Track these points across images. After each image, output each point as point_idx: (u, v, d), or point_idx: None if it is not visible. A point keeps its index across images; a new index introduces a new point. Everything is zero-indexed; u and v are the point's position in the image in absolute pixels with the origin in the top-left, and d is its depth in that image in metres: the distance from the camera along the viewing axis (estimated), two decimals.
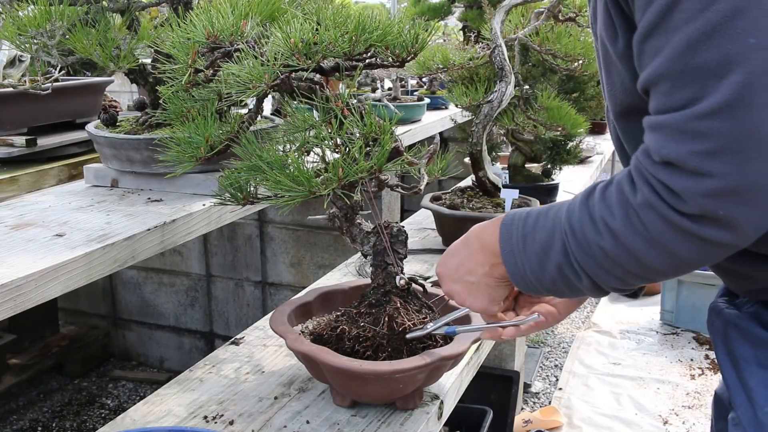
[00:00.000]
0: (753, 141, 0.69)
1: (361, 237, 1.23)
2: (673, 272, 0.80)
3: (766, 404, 0.85)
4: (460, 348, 1.17)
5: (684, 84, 0.71)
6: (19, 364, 3.20)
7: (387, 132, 1.09)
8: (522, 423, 2.63)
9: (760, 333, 0.85)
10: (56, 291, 1.08)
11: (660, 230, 0.75)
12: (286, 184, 1.03)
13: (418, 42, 1.12)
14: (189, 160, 1.16)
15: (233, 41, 1.12)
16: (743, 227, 0.72)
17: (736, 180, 0.70)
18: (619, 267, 0.79)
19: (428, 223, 2.27)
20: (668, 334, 3.41)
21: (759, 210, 0.71)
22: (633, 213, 0.76)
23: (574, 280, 0.84)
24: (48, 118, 2.04)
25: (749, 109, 0.68)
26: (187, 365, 1.47)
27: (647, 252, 0.76)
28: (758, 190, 0.70)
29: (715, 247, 0.74)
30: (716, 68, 0.69)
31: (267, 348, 1.48)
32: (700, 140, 0.70)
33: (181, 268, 3.50)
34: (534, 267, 0.87)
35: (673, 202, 0.73)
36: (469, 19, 3.67)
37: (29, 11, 1.30)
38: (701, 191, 0.71)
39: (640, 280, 0.82)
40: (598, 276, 0.82)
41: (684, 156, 0.71)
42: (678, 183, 0.72)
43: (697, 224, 0.73)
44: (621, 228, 0.77)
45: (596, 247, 0.80)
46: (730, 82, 0.68)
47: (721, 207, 0.71)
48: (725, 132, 0.69)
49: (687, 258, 0.76)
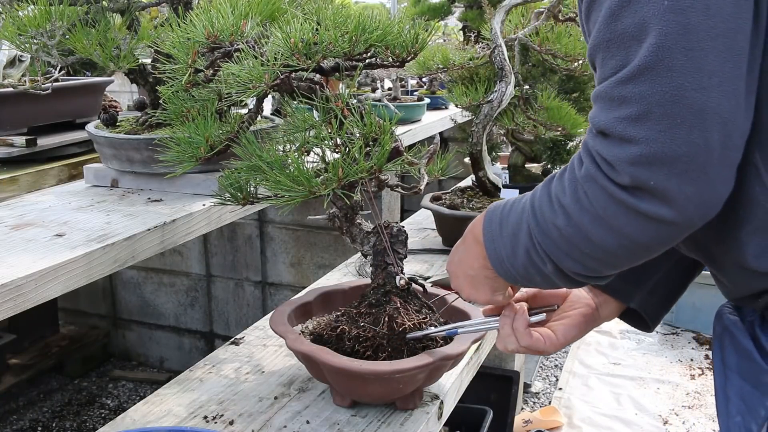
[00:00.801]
0: (676, 107, 0.67)
1: (361, 237, 1.23)
2: (626, 254, 0.77)
3: (737, 414, 0.84)
4: (460, 348, 1.17)
5: (612, 53, 0.71)
6: (19, 364, 3.20)
7: (387, 132, 1.09)
8: (522, 423, 2.63)
9: (746, 344, 0.84)
10: (56, 291, 1.08)
11: (602, 203, 0.74)
12: (286, 184, 1.03)
13: (418, 42, 1.13)
14: (189, 160, 1.16)
15: (233, 41, 1.12)
16: (680, 202, 0.70)
17: (661, 146, 0.68)
18: (575, 248, 0.78)
19: (428, 223, 2.27)
20: (668, 334, 3.41)
21: (695, 184, 0.69)
22: (579, 187, 0.76)
23: (540, 264, 0.83)
24: (48, 118, 2.03)
25: (668, 72, 0.67)
26: (187, 365, 1.47)
27: (595, 229, 0.75)
28: (690, 161, 0.68)
29: (657, 224, 0.72)
30: (635, 33, 0.69)
31: (267, 348, 1.48)
32: (625, 106, 0.70)
33: (181, 268, 3.50)
34: (509, 252, 0.86)
35: (609, 172, 0.72)
36: (469, 19, 3.67)
37: (29, 11, 1.29)
38: (628, 158, 0.70)
39: (598, 264, 0.79)
40: (559, 259, 0.80)
41: (611, 123, 0.71)
42: (609, 151, 0.72)
43: (633, 196, 0.71)
44: (570, 204, 0.77)
45: (552, 226, 0.79)
46: (647, 45, 0.68)
47: (650, 176, 0.69)
48: (646, 96, 0.68)
49: (633, 236, 0.74)
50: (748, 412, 0.82)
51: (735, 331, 0.87)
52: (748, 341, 0.84)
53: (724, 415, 0.88)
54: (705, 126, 0.67)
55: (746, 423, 0.82)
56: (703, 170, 0.69)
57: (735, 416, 0.84)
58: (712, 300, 3.12)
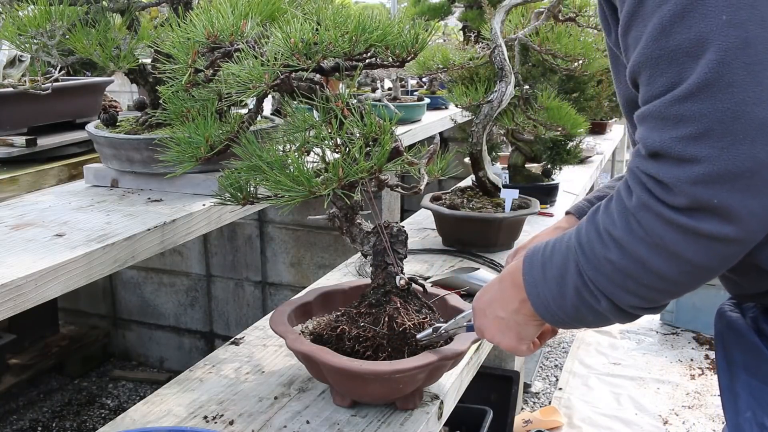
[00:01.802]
0: (738, 122, 0.66)
1: (361, 237, 1.23)
2: (688, 279, 0.75)
3: (747, 410, 0.84)
4: (460, 348, 1.17)
5: (662, 70, 0.69)
6: (19, 364, 3.20)
7: (387, 132, 1.09)
8: (522, 423, 2.63)
9: (752, 339, 0.84)
10: (56, 291, 1.08)
11: (659, 231, 0.72)
12: (286, 184, 1.03)
13: (418, 42, 1.12)
14: (189, 160, 1.16)
15: (233, 41, 1.12)
16: (743, 217, 0.68)
17: (724, 164, 0.66)
18: (631, 280, 0.76)
19: (428, 223, 2.27)
20: (668, 334, 3.41)
21: (759, 198, 0.67)
22: (631, 217, 0.74)
23: (593, 302, 0.80)
24: (48, 118, 2.03)
25: (729, 88, 0.65)
26: (187, 365, 1.47)
27: (652, 258, 0.73)
28: (753, 175, 0.67)
29: (719, 244, 0.70)
30: (691, 49, 0.67)
31: (267, 348, 1.48)
32: (683, 125, 0.68)
33: (181, 268, 3.50)
34: (555, 294, 0.83)
35: (664, 196, 0.70)
36: (469, 19, 3.67)
37: (29, 11, 1.29)
38: (689, 178, 0.68)
39: (658, 294, 0.77)
40: (614, 294, 0.78)
41: (668, 143, 0.69)
42: (666, 173, 0.69)
43: (692, 218, 0.69)
44: (623, 235, 0.75)
45: (605, 260, 0.76)
46: (706, 62, 0.66)
47: (713, 195, 0.67)
48: (707, 114, 0.66)
49: (695, 260, 0.72)
50: (759, 407, 0.82)
51: (739, 328, 0.87)
52: (754, 337, 0.84)
53: (732, 411, 0.87)
54: (764, 140, 0.66)
55: (758, 418, 0.82)
56: (765, 184, 0.67)
57: (745, 412, 0.84)
58: (712, 300, 3.12)
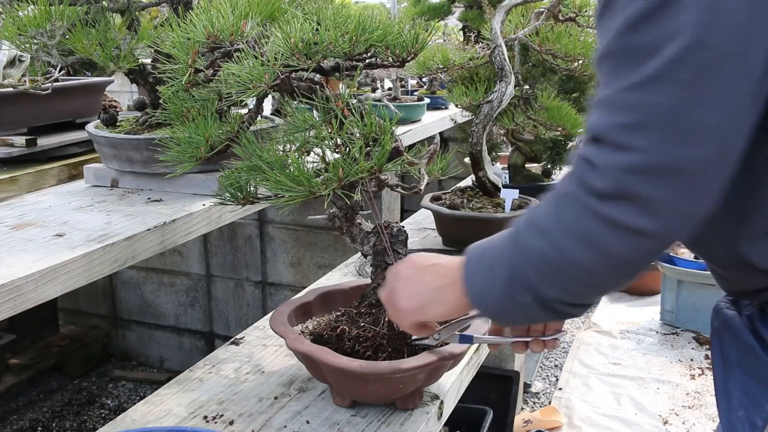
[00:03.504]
0: (677, 120, 0.67)
1: (361, 237, 1.23)
2: (609, 273, 0.75)
3: (740, 409, 0.83)
4: (460, 348, 1.17)
5: (624, 63, 0.70)
6: (19, 364, 3.20)
7: (387, 132, 1.09)
8: (522, 423, 2.63)
9: (747, 338, 0.84)
10: (56, 291, 1.08)
11: (582, 221, 0.72)
12: (286, 184, 1.03)
13: (418, 42, 1.12)
14: (189, 160, 1.16)
15: (233, 41, 1.12)
16: (665, 213, 0.69)
17: (656, 157, 0.68)
18: (555, 271, 0.76)
19: (428, 223, 2.27)
20: (668, 334, 3.41)
21: (683, 197, 0.69)
22: (559, 207, 0.75)
23: (517, 295, 0.80)
24: (48, 118, 2.03)
25: (675, 85, 0.67)
26: (187, 365, 1.47)
27: (575, 249, 0.73)
28: (681, 173, 0.68)
29: (638, 237, 0.71)
30: (653, 47, 0.68)
31: (267, 348, 1.48)
32: (626, 113, 0.69)
33: (181, 268, 3.50)
34: (487, 283, 0.83)
35: (593, 181, 0.71)
36: (469, 19, 3.67)
37: (29, 11, 1.29)
38: (621, 166, 0.69)
39: (581, 287, 0.77)
40: (538, 286, 0.77)
41: (609, 129, 0.70)
42: (601, 158, 0.71)
43: (615, 208, 0.70)
44: (549, 225, 0.76)
45: (532, 250, 0.77)
46: (661, 57, 0.67)
47: (640, 186, 0.69)
48: (649, 106, 0.68)
49: (614, 253, 0.72)
50: (751, 407, 0.82)
51: (734, 325, 0.87)
52: (749, 335, 0.84)
53: (725, 409, 0.87)
54: (702, 142, 0.67)
55: (750, 417, 0.82)
56: (692, 185, 0.69)
57: (738, 410, 0.84)
58: (711, 300, 3.11)
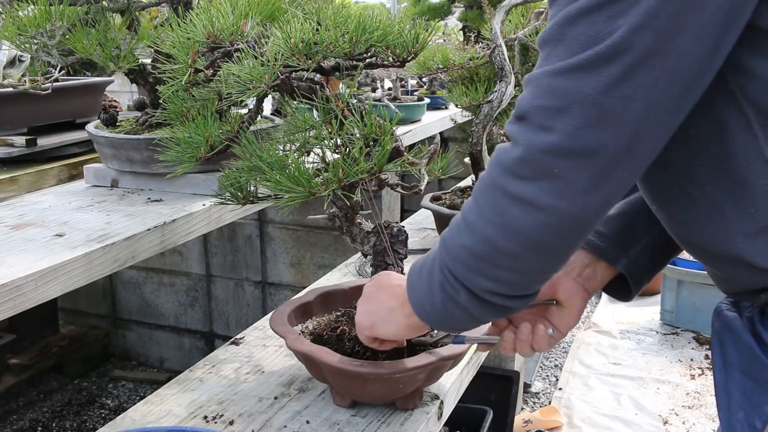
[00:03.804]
0: (594, 108, 0.70)
1: (361, 237, 1.23)
2: (533, 257, 0.78)
3: (739, 410, 0.84)
4: (460, 348, 1.17)
5: (559, 51, 0.74)
6: (19, 364, 3.20)
7: (387, 132, 1.09)
8: (522, 423, 2.63)
9: (747, 339, 0.84)
10: (56, 291, 1.08)
11: (501, 206, 0.76)
12: (286, 185, 1.03)
13: (418, 42, 1.12)
14: (189, 160, 1.16)
15: (233, 41, 1.12)
16: (574, 193, 0.73)
17: (573, 141, 0.71)
18: (484, 262, 0.79)
19: (428, 223, 2.27)
20: (668, 334, 3.41)
21: (595, 181, 0.72)
22: (480, 197, 0.79)
23: (455, 295, 0.83)
24: (48, 118, 2.03)
25: (600, 77, 0.70)
26: (187, 365, 1.47)
27: (497, 235, 0.77)
28: (595, 158, 0.72)
29: (554, 218, 0.74)
30: (585, 42, 0.71)
31: (267, 348, 1.48)
32: (549, 96, 0.73)
33: (181, 268, 3.50)
34: (426, 293, 0.87)
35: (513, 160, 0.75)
36: (469, 19, 3.66)
37: (29, 11, 1.29)
38: (540, 145, 0.73)
39: (511, 274, 0.80)
40: (470, 281, 0.81)
41: (533, 109, 0.74)
42: (523, 136, 0.75)
43: (531, 188, 0.74)
44: (473, 217, 0.79)
45: (460, 247, 0.81)
46: (592, 51, 0.70)
47: (553, 164, 0.72)
48: (570, 92, 0.71)
49: (533, 235, 0.75)
50: (751, 409, 0.82)
51: (735, 327, 0.87)
52: (749, 337, 0.84)
53: (725, 411, 0.87)
54: (617, 132, 0.71)
55: (749, 419, 0.82)
56: (604, 170, 0.72)
57: (737, 412, 0.84)
58: (712, 300, 3.11)
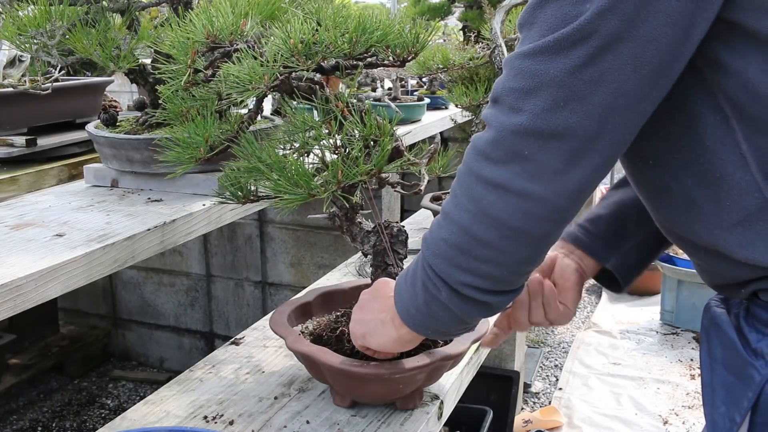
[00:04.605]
0: (560, 90, 0.71)
1: (361, 236, 1.23)
2: (510, 246, 0.78)
3: (722, 405, 0.84)
4: (460, 348, 1.17)
5: (532, 33, 0.75)
6: (19, 364, 3.20)
7: (387, 133, 1.09)
8: (522, 423, 2.63)
9: (731, 335, 0.85)
10: (56, 291, 1.08)
11: (476, 194, 0.77)
12: (285, 186, 1.03)
13: (418, 42, 1.12)
14: (189, 161, 1.16)
15: (233, 41, 1.12)
16: (549, 176, 0.73)
17: (542, 122, 0.72)
18: (463, 255, 0.79)
19: (428, 223, 2.27)
20: (668, 334, 3.41)
21: (566, 164, 0.73)
22: (457, 188, 0.80)
23: (436, 293, 0.83)
24: (48, 118, 2.03)
25: (567, 60, 0.71)
26: (187, 365, 1.47)
27: (474, 224, 0.77)
28: (563, 139, 0.72)
29: (527, 202, 0.74)
30: (554, 24, 0.72)
31: (267, 348, 1.48)
32: (520, 78, 0.74)
33: (181, 268, 3.50)
34: (411, 295, 0.87)
35: (485, 144, 0.76)
36: (469, 19, 3.66)
37: (29, 11, 1.29)
38: (511, 126, 0.74)
39: (490, 267, 0.79)
40: (451, 276, 0.80)
41: (505, 91, 0.76)
42: (495, 118, 0.76)
43: (504, 172, 0.75)
44: (451, 209, 0.80)
45: (440, 241, 0.81)
46: (559, 33, 0.72)
47: (526, 147, 0.73)
48: (538, 74, 0.73)
49: (509, 222, 0.75)
50: (732, 403, 0.83)
51: (721, 323, 0.88)
52: (733, 333, 0.85)
53: (710, 406, 0.88)
54: (585, 115, 0.72)
55: (730, 413, 0.83)
56: (574, 152, 0.73)
57: (720, 407, 0.85)
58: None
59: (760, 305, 0.82)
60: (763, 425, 0.79)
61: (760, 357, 0.79)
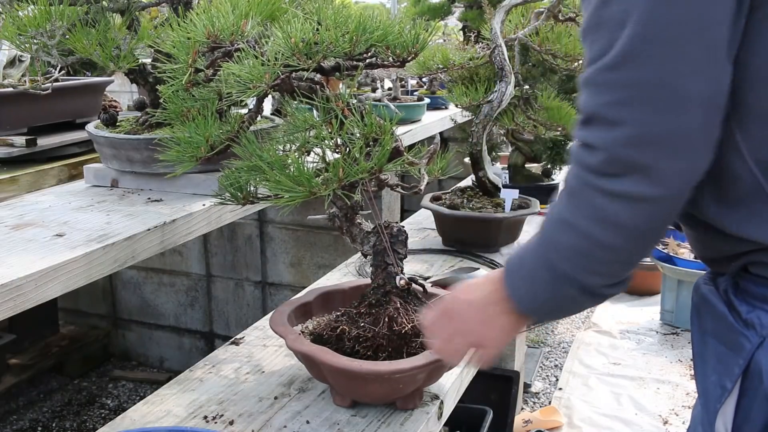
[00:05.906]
0: (660, 91, 0.72)
1: (361, 237, 1.23)
2: (634, 245, 0.81)
3: (713, 374, 0.87)
4: None
5: (600, 36, 0.76)
6: (19, 364, 3.20)
7: (387, 132, 1.09)
8: (522, 423, 2.63)
9: (721, 308, 0.88)
10: (56, 291, 1.08)
11: (596, 203, 0.78)
12: (286, 185, 1.03)
13: (418, 42, 1.13)
14: (189, 160, 1.16)
15: (234, 41, 1.12)
16: (667, 176, 0.75)
17: (648, 127, 0.73)
18: (588, 258, 0.81)
19: (428, 223, 2.27)
20: (668, 334, 3.41)
21: (679, 160, 0.74)
22: (573, 197, 0.81)
23: (563, 291, 0.85)
24: (48, 118, 2.03)
25: (650, 59, 0.72)
26: (187, 365, 1.47)
27: (597, 231, 0.79)
28: (674, 140, 0.73)
29: (648, 205, 0.76)
30: (621, 19, 0.73)
31: (267, 348, 1.48)
32: (610, 92, 0.75)
33: (181, 268, 3.50)
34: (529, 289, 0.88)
35: (593, 162, 0.76)
36: (469, 19, 3.67)
37: (29, 11, 1.29)
38: (615, 140, 0.74)
39: (616, 265, 0.83)
40: (579, 277, 0.83)
41: (598, 108, 0.76)
42: (595, 137, 0.76)
43: (621, 182, 0.75)
44: (570, 216, 0.81)
45: (562, 245, 0.82)
46: (628, 32, 0.73)
47: (637, 155, 0.74)
48: (631, 82, 0.73)
49: (632, 225, 0.77)
50: (723, 371, 0.86)
51: (711, 298, 0.91)
52: (723, 307, 0.88)
53: (701, 377, 0.91)
54: (686, 108, 0.73)
55: (721, 381, 0.86)
56: (685, 148, 0.74)
57: (711, 375, 0.88)
58: None
59: (749, 279, 0.85)
60: (753, 390, 0.82)
61: (750, 327, 0.83)
